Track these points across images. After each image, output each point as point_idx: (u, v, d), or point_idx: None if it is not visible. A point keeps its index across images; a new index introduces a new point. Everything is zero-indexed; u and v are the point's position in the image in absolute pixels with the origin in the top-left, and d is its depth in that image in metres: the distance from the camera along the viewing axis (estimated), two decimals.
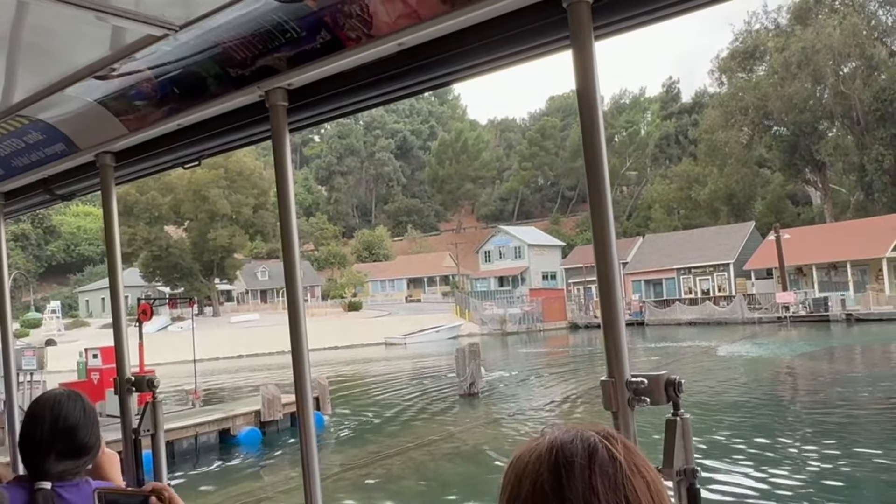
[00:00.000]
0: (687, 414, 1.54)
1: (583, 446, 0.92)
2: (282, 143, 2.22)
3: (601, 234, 1.61)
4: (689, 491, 1.48)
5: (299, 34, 1.96)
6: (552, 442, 0.94)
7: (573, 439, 0.93)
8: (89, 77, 2.33)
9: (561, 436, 0.95)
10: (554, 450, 0.93)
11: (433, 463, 15.38)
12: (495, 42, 1.78)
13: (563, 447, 0.92)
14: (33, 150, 3.01)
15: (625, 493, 0.89)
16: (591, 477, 0.89)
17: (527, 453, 0.96)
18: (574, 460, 0.90)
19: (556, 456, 0.92)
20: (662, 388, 1.52)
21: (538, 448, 0.95)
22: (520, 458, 0.96)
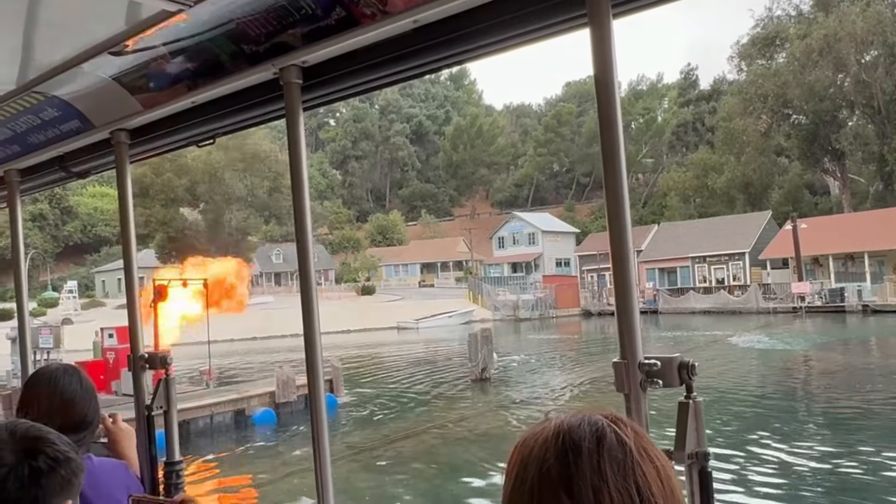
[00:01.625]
0: (700, 397, 1.53)
1: (591, 430, 0.90)
2: (296, 121, 2.21)
3: (616, 217, 1.60)
4: (701, 474, 1.47)
5: (314, 10, 1.94)
6: (559, 426, 0.92)
7: (580, 423, 0.92)
8: (104, 53, 2.32)
9: (568, 420, 0.93)
10: (561, 434, 0.91)
11: (444, 446, 15.46)
12: (511, 20, 1.75)
13: (571, 431, 0.90)
14: (49, 127, 3.01)
15: (634, 478, 0.87)
16: (599, 461, 0.87)
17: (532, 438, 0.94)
18: (582, 444, 0.89)
19: (564, 440, 0.90)
20: (675, 371, 1.51)
21: (544, 432, 0.93)
22: (525, 442, 0.94)
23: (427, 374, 26.86)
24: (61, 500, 1.35)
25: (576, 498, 0.86)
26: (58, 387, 2.13)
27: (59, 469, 1.34)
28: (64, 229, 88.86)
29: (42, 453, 1.33)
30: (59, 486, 1.34)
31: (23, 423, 1.39)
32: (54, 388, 2.12)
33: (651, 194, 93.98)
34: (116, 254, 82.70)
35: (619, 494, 0.86)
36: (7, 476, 1.28)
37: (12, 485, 1.28)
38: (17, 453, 1.31)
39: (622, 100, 1.66)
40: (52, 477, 1.33)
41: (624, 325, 1.58)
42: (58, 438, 1.38)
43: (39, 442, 1.35)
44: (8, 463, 1.29)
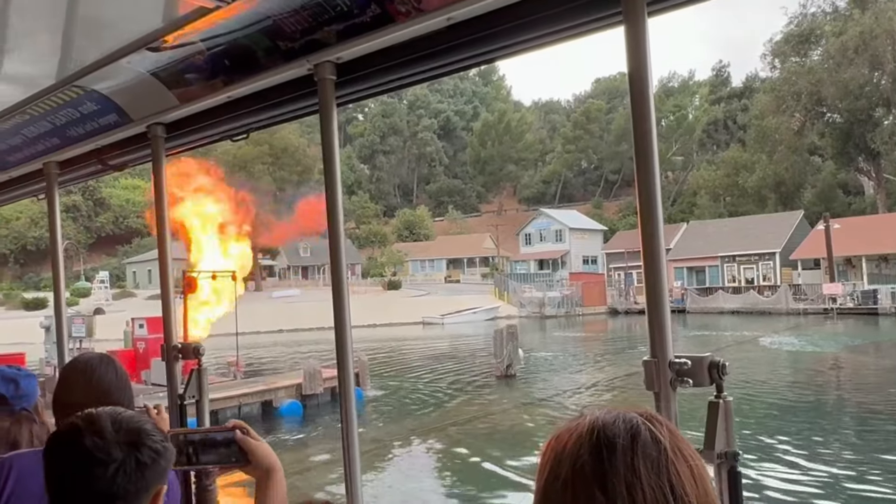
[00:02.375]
0: (730, 397, 1.53)
1: (625, 427, 0.90)
2: (329, 116, 2.23)
3: (648, 214, 1.60)
4: (730, 473, 1.47)
5: (349, 7, 1.96)
6: (593, 422, 0.92)
7: (615, 420, 0.92)
8: (143, 48, 2.37)
9: (602, 416, 0.93)
10: (595, 430, 0.91)
11: (468, 441, 15.48)
12: (546, 17, 1.76)
13: (605, 428, 0.91)
14: (87, 121, 3.08)
15: (668, 477, 0.87)
16: (633, 459, 0.87)
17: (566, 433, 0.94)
18: (616, 441, 0.89)
19: (598, 437, 0.90)
20: (706, 370, 1.51)
21: (578, 428, 0.93)
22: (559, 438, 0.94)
23: (452, 369, 26.90)
24: (158, 486, 1.43)
25: (609, 494, 0.86)
26: (94, 375, 2.16)
27: (160, 460, 1.42)
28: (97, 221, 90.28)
29: (145, 446, 1.38)
30: (157, 475, 1.42)
31: (123, 414, 1.44)
32: (90, 376, 2.16)
33: (680, 192, 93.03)
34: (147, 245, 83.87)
35: (652, 492, 0.86)
36: (117, 471, 1.35)
37: (121, 479, 1.35)
38: (122, 447, 1.37)
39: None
40: (154, 468, 1.40)
41: (654, 323, 1.58)
42: (154, 429, 1.44)
43: (141, 435, 1.40)
44: (117, 459, 1.35)
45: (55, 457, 1.40)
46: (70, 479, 1.37)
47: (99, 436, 1.36)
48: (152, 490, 1.41)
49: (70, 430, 1.40)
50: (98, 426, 1.38)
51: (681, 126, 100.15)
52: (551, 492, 0.91)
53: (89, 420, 1.40)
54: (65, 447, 1.39)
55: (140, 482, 1.37)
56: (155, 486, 1.41)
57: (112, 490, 1.34)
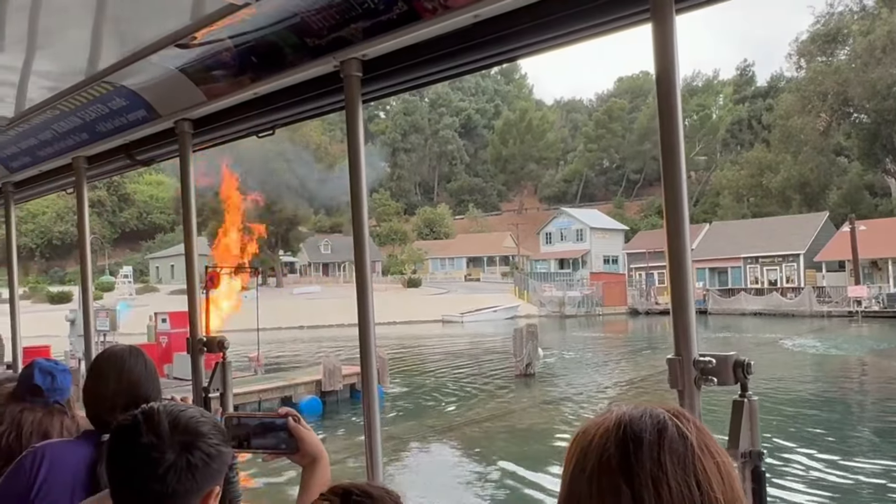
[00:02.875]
0: (755, 396, 1.53)
1: (652, 423, 0.91)
2: (355, 113, 2.25)
3: (674, 213, 1.59)
4: (755, 473, 1.47)
5: (376, 5, 1.97)
6: (620, 417, 0.93)
7: (642, 415, 0.92)
8: (172, 45, 2.40)
9: (629, 411, 0.94)
10: (622, 425, 0.91)
11: (487, 440, 15.48)
12: (572, 15, 1.76)
13: (632, 423, 0.91)
14: (116, 116, 3.12)
15: (694, 473, 0.88)
16: (660, 454, 0.88)
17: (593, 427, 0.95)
18: (643, 436, 0.89)
19: (625, 431, 0.91)
20: (731, 369, 1.51)
21: (605, 423, 0.94)
22: (586, 431, 0.95)
23: (471, 368, 26.91)
24: (210, 487, 1.45)
25: (635, 488, 0.87)
26: (124, 367, 2.20)
27: (212, 464, 1.43)
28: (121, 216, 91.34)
29: (198, 449, 1.40)
30: (209, 478, 1.43)
31: (183, 413, 1.45)
32: (121, 368, 2.20)
33: (703, 192, 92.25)
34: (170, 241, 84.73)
35: (678, 486, 0.86)
36: (167, 471, 1.37)
37: (172, 478, 1.38)
38: (175, 449, 1.39)
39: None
40: (206, 471, 1.42)
41: (679, 322, 1.58)
42: (212, 431, 1.45)
43: (197, 437, 1.42)
44: (169, 460, 1.38)
45: (114, 449, 1.44)
46: (125, 473, 1.41)
47: (155, 434, 1.39)
48: (203, 491, 1.43)
49: (130, 424, 1.43)
50: (155, 424, 1.41)
51: (704, 125, 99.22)
52: (576, 484, 0.92)
53: (149, 416, 1.42)
54: (123, 441, 1.42)
55: (190, 483, 1.39)
56: (207, 487, 1.43)
57: (162, 489, 1.37)
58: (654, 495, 0.86)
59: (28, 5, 2.26)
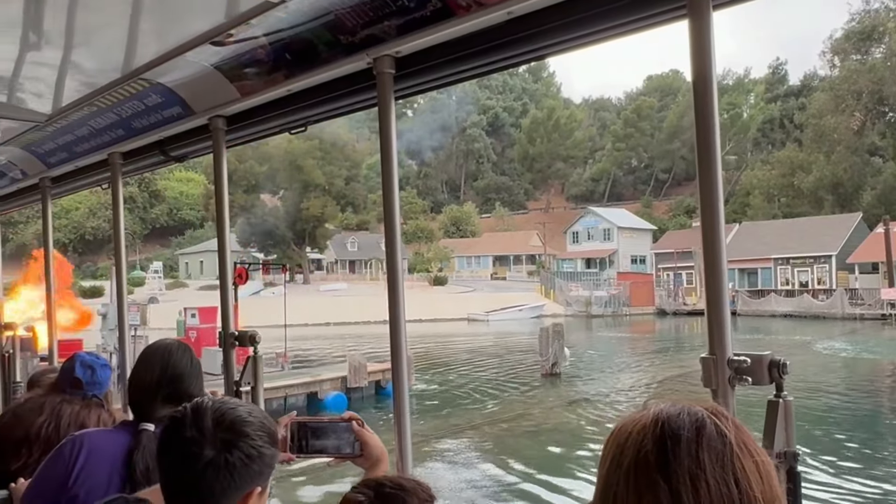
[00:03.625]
0: (790, 396, 1.51)
1: (690, 420, 0.91)
2: (387, 110, 2.25)
3: (709, 212, 1.58)
4: (790, 474, 1.45)
5: (410, 2, 1.97)
6: (657, 414, 0.93)
7: (680, 413, 0.93)
8: (207, 43, 2.43)
9: (667, 409, 0.94)
10: (660, 422, 0.92)
11: (512, 439, 15.46)
12: (607, 12, 1.74)
13: (670, 420, 0.92)
14: (151, 113, 3.16)
15: (733, 471, 0.88)
16: (698, 451, 0.88)
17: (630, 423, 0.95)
18: (681, 434, 0.90)
19: (662, 428, 0.91)
20: (765, 369, 1.49)
21: (642, 419, 0.94)
22: (622, 428, 0.96)
23: (496, 366, 26.87)
24: (250, 488, 1.43)
25: (672, 484, 0.87)
26: (171, 360, 2.25)
27: (252, 465, 1.41)
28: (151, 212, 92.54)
29: (238, 449, 1.39)
30: (249, 478, 1.41)
31: (230, 410, 1.44)
32: (167, 361, 2.25)
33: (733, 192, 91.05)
34: (200, 237, 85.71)
35: (716, 484, 0.87)
36: (206, 467, 1.37)
37: (210, 475, 1.37)
38: (215, 446, 1.38)
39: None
40: (245, 471, 1.40)
41: (714, 320, 1.57)
42: (257, 431, 1.43)
43: (239, 437, 1.40)
44: (207, 456, 1.37)
45: (162, 442, 1.46)
46: (167, 465, 1.43)
47: (198, 429, 1.39)
48: (243, 491, 1.41)
49: (179, 416, 1.44)
50: (200, 419, 1.41)
51: (734, 124, 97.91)
52: (613, 479, 0.93)
53: (195, 410, 1.43)
54: (170, 435, 1.43)
55: (227, 481, 1.38)
56: (247, 487, 1.42)
57: (199, 485, 1.37)
58: (692, 492, 0.86)
59: (66, 3, 2.30)
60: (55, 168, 4.30)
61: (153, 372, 2.23)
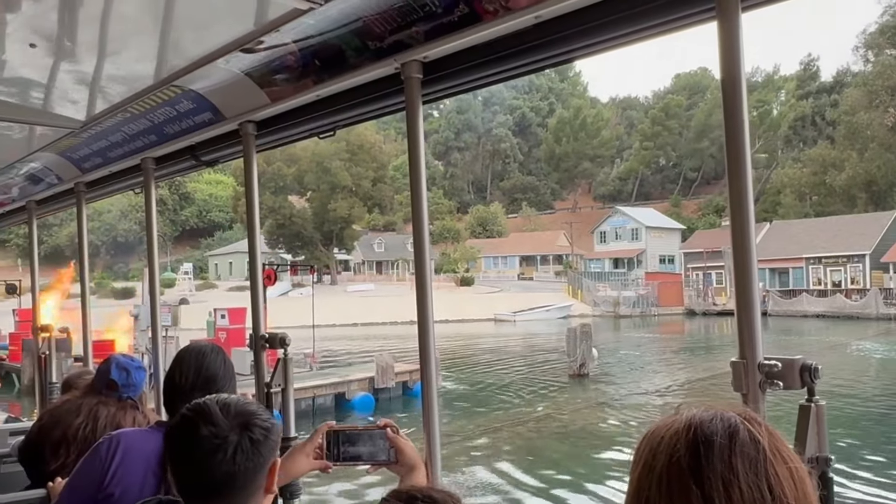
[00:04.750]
0: (822, 400, 1.50)
1: (723, 426, 0.91)
2: (415, 114, 2.27)
3: (739, 213, 1.57)
4: (822, 479, 1.44)
5: (437, 7, 1.98)
6: (690, 419, 0.93)
7: (713, 418, 0.93)
8: (237, 50, 2.46)
9: (699, 414, 0.94)
10: (692, 427, 0.92)
11: (540, 440, 15.41)
12: (636, 14, 1.74)
13: (702, 425, 0.92)
14: (183, 119, 3.22)
15: (766, 477, 0.88)
16: (731, 457, 0.88)
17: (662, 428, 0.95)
18: (714, 439, 0.90)
19: (695, 433, 0.91)
20: (797, 373, 1.48)
21: (675, 424, 0.94)
22: (655, 432, 0.96)
23: (523, 367, 26.80)
24: (272, 459, 1.54)
25: (705, 489, 0.87)
26: (204, 362, 2.31)
27: (270, 436, 1.53)
28: (182, 214, 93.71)
29: (255, 425, 1.50)
30: (270, 450, 1.53)
31: (229, 399, 1.56)
32: (201, 363, 2.30)
33: (763, 191, 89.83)
34: (229, 238, 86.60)
35: (750, 490, 0.87)
36: (235, 452, 1.46)
37: (240, 458, 1.47)
38: (234, 430, 1.48)
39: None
40: (266, 444, 1.52)
41: (744, 324, 1.56)
42: (258, 408, 1.56)
43: (250, 416, 1.52)
44: (233, 441, 1.47)
45: (177, 447, 1.52)
46: (193, 467, 1.48)
47: (212, 424, 1.48)
48: (268, 464, 1.52)
49: (184, 422, 1.52)
50: (209, 415, 1.50)
51: (764, 122, 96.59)
52: (645, 484, 0.93)
53: (199, 411, 1.52)
54: (183, 439, 1.50)
55: (257, 458, 1.49)
56: (270, 459, 1.52)
57: (233, 470, 1.45)
58: (725, 498, 0.86)
59: (99, 14, 2.35)
60: (89, 173, 4.38)
61: (187, 374, 2.28)
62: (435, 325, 2.35)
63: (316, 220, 70.01)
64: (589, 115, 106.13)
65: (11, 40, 2.56)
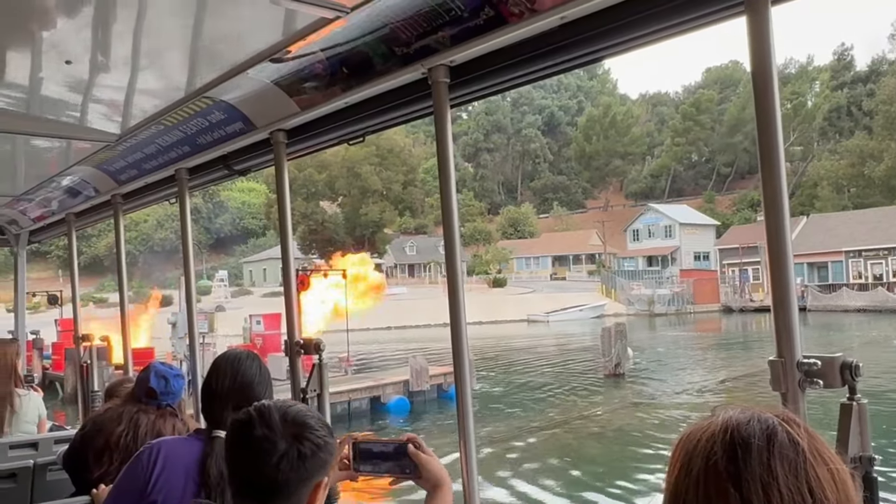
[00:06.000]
0: (864, 399, 1.47)
1: (760, 428, 0.90)
2: (443, 118, 2.28)
3: (774, 210, 1.55)
4: (865, 479, 1.41)
5: (462, 12, 1.99)
6: (727, 421, 0.93)
7: (749, 420, 0.92)
8: (266, 60, 2.50)
9: (736, 416, 0.93)
10: (729, 429, 0.91)
11: (576, 441, 15.31)
12: (663, 12, 1.73)
13: (739, 427, 0.91)
14: (215, 129, 3.27)
15: (807, 480, 0.87)
16: (769, 459, 0.88)
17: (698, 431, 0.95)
18: (751, 441, 0.89)
19: (732, 435, 0.90)
20: (837, 371, 1.46)
21: (711, 427, 0.93)
22: (691, 435, 0.95)
23: (558, 367, 26.65)
24: (319, 477, 1.56)
25: (744, 493, 0.87)
26: (240, 369, 2.34)
27: (320, 453, 1.55)
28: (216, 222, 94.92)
29: (307, 440, 1.52)
30: (318, 467, 1.55)
31: (291, 408, 1.58)
32: (237, 369, 2.34)
33: (799, 184, 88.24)
34: (262, 245, 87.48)
35: (790, 493, 0.86)
36: (281, 459, 1.49)
37: (285, 466, 1.50)
38: (287, 439, 1.51)
39: None
40: (315, 460, 1.53)
41: (781, 322, 1.54)
42: (317, 423, 1.58)
43: (305, 429, 1.54)
44: (281, 449, 1.50)
45: (232, 442, 1.57)
46: (243, 464, 1.53)
47: (268, 427, 1.51)
48: (313, 480, 1.54)
49: (245, 420, 1.56)
50: (267, 417, 1.53)
51: (798, 114, 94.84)
52: (682, 487, 0.92)
53: (260, 411, 1.55)
54: (240, 435, 1.55)
55: (302, 471, 1.51)
56: (316, 477, 1.54)
57: (277, 477, 1.48)
58: (764, 500, 0.86)
59: (130, 30, 2.39)
60: (125, 185, 4.46)
61: (224, 381, 2.32)
62: (468, 326, 2.35)
63: (347, 224, 70.50)
64: (619, 112, 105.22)
65: (48, 58, 2.62)
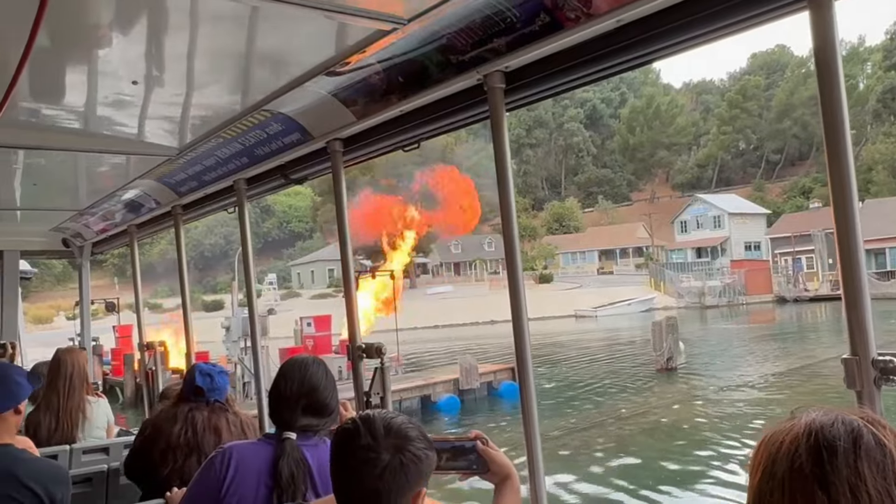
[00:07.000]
0: None
1: (846, 430, 0.90)
2: (499, 123, 2.30)
3: (842, 200, 1.54)
4: None
5: (518, 19, 2.01)
6: (810, 424, 0.93)
7: (833, 422, 0.91)
8: (323, 73, 2.55)
9: (819, 418, 0.93)
10: (813, 432, 0.91)
11: (631, 437, 15.18)
12: (722, 10, 1.72)
13: (823, 430, 0.91)
14: (273, 140, 3.35)
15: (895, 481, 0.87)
16: (856, 461, 0.88)
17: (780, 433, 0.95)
18: (837, 444, 0.89)
19: (816, 438, 0.90)
20: None
21: (794, 429, 0.93)
22: (772, 438, 0.95)
23: (608, 362, 26.43)
24: (418, 488, 1.61)
25: (832, 495, 0.87)
26: (307, 373, 2.42)
27: (419, 464, 1.60)
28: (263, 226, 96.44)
29: (409, 451, 1.59)
30: (418, 477, 1.60)
31: (394, 419, 1.64)
32: (304, 373, 2.41)
33: None
34: (309, 248, 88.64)
35: (878, 494, 0.86)
36: (384, 470, 1.55)
37: (388, 476, 1.56)
38: (390, 450, 1.57)
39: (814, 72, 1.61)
40: (415, 471, 1.59)
41: (854, 318, 1.53)
42: (419, 436, 1.64)
43: (407, 441, 1.60)
44: (385, 460, 1.56)
45: (338, 450, 1.64)
46: (348, 472, 1.60)
47: (372, 436, 1.58)
48: (413, 490, 1.59)
49: (350, 428, 1.62)
50: (372, 427, 1.60)
51: (850, 97, 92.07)
52: (766, 490, 0.93)
53: (366, 421, 1.62)
54: (345, 443, 1.61)
55: (402, 481, 1.57)
56: (416, 487, 1.60)
57: (378, 486, 1.55)
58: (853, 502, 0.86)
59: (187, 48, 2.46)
60: (185, 196, 4.59)
61: (292, 385, 2.39)
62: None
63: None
64: (662, 102, 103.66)
65: (112, 78, 2.72)
